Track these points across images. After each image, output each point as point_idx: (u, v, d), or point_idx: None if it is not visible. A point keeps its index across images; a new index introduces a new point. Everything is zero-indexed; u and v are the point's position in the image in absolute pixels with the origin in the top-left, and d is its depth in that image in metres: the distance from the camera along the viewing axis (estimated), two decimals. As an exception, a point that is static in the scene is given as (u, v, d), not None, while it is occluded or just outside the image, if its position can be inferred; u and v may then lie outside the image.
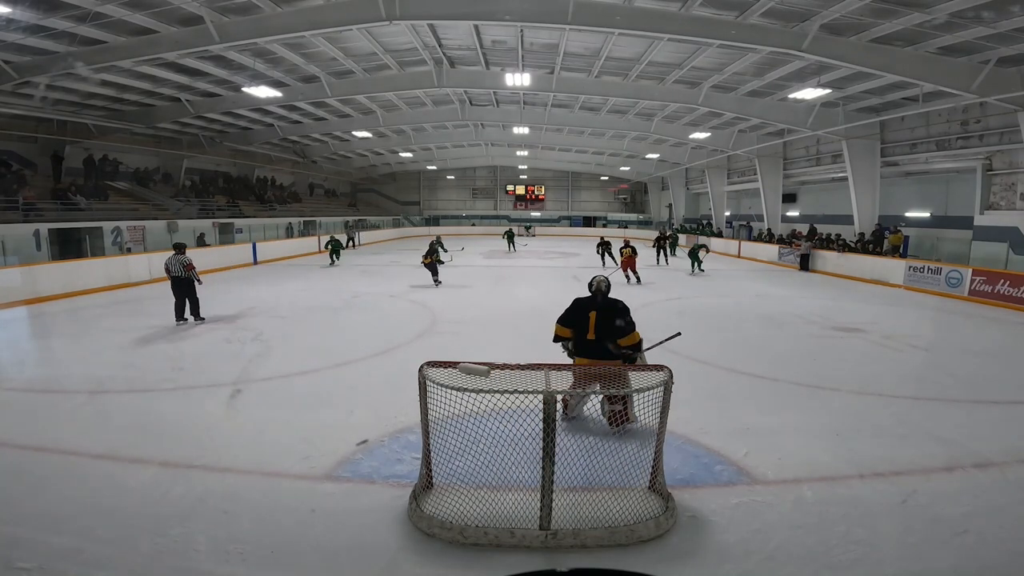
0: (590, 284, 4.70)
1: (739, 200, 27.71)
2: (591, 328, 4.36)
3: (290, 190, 31.71)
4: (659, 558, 2.88)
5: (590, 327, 4.37)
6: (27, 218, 14.38)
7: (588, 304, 4.51)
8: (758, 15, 10.11)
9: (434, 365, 3.24)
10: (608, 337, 4.34)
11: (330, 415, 4.82)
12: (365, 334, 8.21)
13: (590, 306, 4.47)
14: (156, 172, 22.80)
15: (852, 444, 4.33)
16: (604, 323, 4.36)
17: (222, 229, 20.76)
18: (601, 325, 4.35)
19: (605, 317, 4.37)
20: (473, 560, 2.85)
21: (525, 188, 41.13)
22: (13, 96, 14.05)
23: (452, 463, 3.24)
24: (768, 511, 3.33)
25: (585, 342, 4.40)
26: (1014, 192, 12.94)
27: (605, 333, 4.35)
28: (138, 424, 4.62)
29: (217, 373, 6.06)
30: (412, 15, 10.56)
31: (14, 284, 10.53)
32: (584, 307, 4.50)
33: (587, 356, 4.36)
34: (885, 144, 16.94)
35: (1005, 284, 11.40)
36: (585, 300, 4.59)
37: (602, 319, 4.37)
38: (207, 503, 3.33)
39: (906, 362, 7.13)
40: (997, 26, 9.34)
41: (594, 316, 4.38)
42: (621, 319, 4.34)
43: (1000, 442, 4.38)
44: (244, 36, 11.07)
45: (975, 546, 3.01)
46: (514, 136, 25.34)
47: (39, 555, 2.77)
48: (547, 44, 13.35)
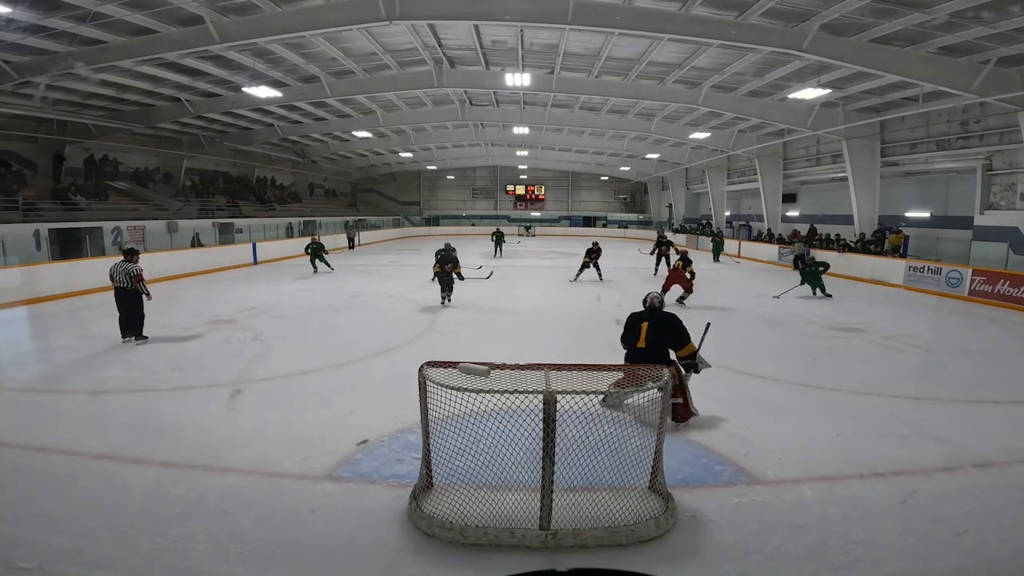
0: (644, 300, 4.98)
1: (739, 200, 27.71)
2: (642, 337, 4.63)
3: (290, 190, 31.71)
4: (659, 558, 2.88)
5: (642, 336, 4.64)
6: (27, 218, 14.37)
7: (642, 316, 4.80)
8: (758, 15, 10.10)
9: (434, 365, 3.24)
10: (660, 346, 4.60)
11: (330, 415, 4.81)
12: (365, 334, 8.21)
13: (643, 317, 4.76)
14: (156, 172, 22.79)
15: (852, 444, 4.33)
16: (655, 333, 4.62)
17: (222, 229, 20.75)
18: (652, 335, 4.62)
19: (656, 328, 4.64)
20: (473, 560, 2.85)
21: (525, 188, 41.13)
22: (13, 96, 14.04)
23: (452, 463, 3.24)
24: (768, 511, 3.33)
25: (637, 351, 4.63)
26: (1014, 192, 12.94)
27: (656, 343, 4.61)
28: (138, 424, 4.62)
29: (217, 373, 6.07)
30: (412, 15, 10.56)
31: (14, 284, 10.52)
32: (638, 318, 4.79)
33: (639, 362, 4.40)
34: (885, 144, 16.94)
35: (1005, 284, 11.40)
36: (638, 313, 4.87)
37: (653, 329, 4.64)
38: (207, 503, 3.33)
39: (906, 362, 7.14)
40: (997, 26, 9.34)
41: (646, 326, 4.66)
42: (673, 331, 4.62)
43: (1000, 442, 4.38)
44: (244, 36, 11.06)
45: (975, 546, 3.00)
46: (514, 136, 25.33)
47: (39, 555, 2.76)
48: (547, 44, 13.35)
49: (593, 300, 11.23)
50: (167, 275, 14.02)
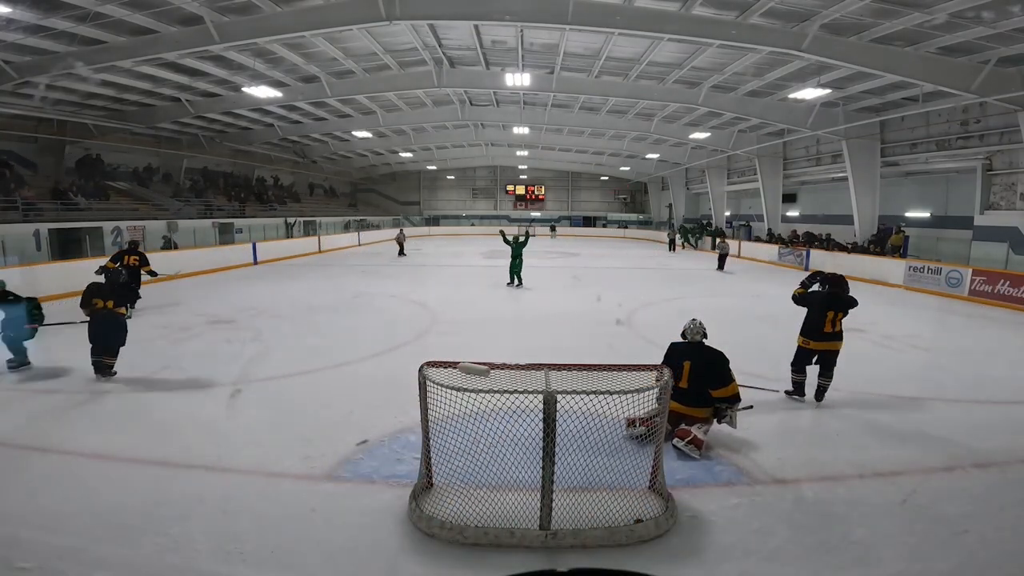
0: (684, 332, 4.52)
1: (739, 200, 27.69)
2: (684, 377, 4.26)
3: (290, 190, 31.70)
4: (659, 558, 2.88)
5: (684, 375, 4.26)
6: (27, 218, 14.37)
7: (685, 352, 4.40)
8: (758, 15, 10.11)
9: (434, 365, 3.24)
10: (702, 387, 4.27)
11: (330, 415, 4.81)
12: (365, 334, 8.21)
13: (686, 354, 4.37)
14: (156, 172, 22.79)
15: (852, 444, 4.33)
16: (698, 375, 4.27)
17: (222, 229, 20.73)
18: (694, 376, 4.27)
19: (700, 370, 4.28)
20: (473, 560, 2.85)
21: (525, 188, 41.11)
22: (13, 96, 14.05)
23: (452, 463, 3.24)
24: (768, 511, 3.33)
25: (677, 390, 4.19)
26: (1014, 192, 12.93)
27: (699, 382, 4.27)
28: (138, 424, 4.62)
29: (217, 373, 6.06)
30: (412, 15, 10.56)
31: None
32: (680, 354, 4.39)
33: (677, 401, 4.20)
34: (885, 144, 16.93)
35: (1005, 284, 11.39)
36: (682, 346, 4.48)
37: (696, 370, 4.28)
38: (207, 503, 3.33)
39: (906, 362, 7.14)
40: (997, 26, 9.34)
41: (688, 366, 4.28)
42: (716, 370, 4.28)
43: (1000, 442, 4.38)
44: (244, 36, 11.06)
45: (975, 546, 3.01)
46: (514, 136, 25.34)
47: (39, 555, 2.77)
48: (547, 44, 13.34)
49: (593, 300, 11.23)
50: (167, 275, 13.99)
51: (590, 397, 2.99)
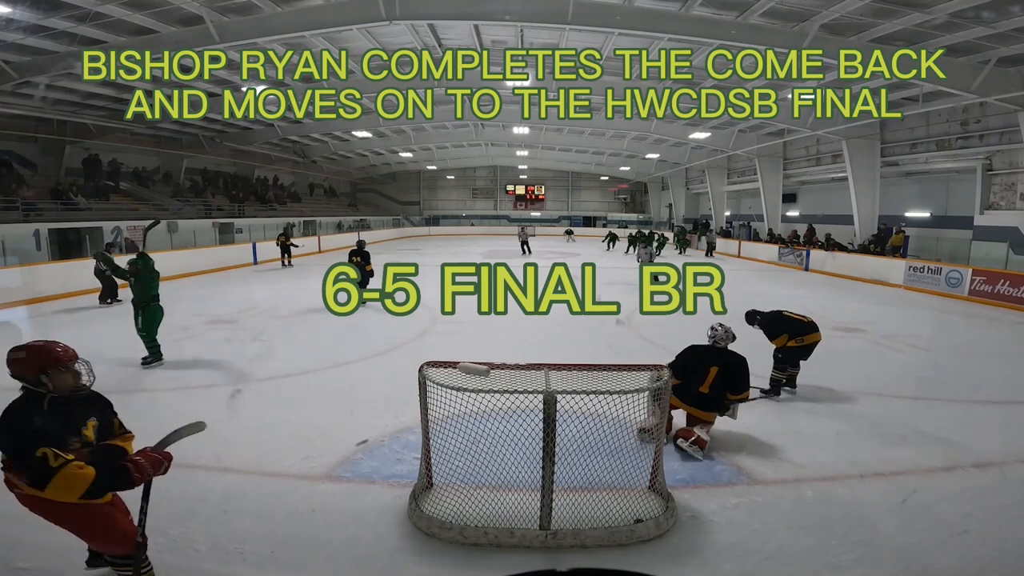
0: (715, 337, 4.41)
1: (739, 200, 27.70)
2: (707, 383, 4.14)
3: (290, 190, 31.70)
4: (659, 558, 2.88)
5: (707, 381, 4.14)
6: (27, 218, 14.38)
7: (709, 356, 4.26)
8: (758, 15, 10.11)
9: (434, 365, 3.24)
10: (722, 392, 4.20)
11: (330, 415, 4.81)
12: (365, 334, 8.20)
13: (712, 359, 4.22)
14: (156, 172, 22.78)
15: (852, 444, 4.33)
16: (723, 380, 4.16)
17: (222, 229, 20.73)
18: (719, 382, 4.16)
19: (726, 376, 4.18)
20: (473, 560, 2.85)
21: (525, 188, 41.08)
22: (13, 96, 14.04)
23: (452, 463, 3.24)
24: (768, 511, 3.34)
25: (697, 394, 4.15)
26: (1014, 192, 12.94)
27: (720, 389, 4.18)
28: (138, 424, 4.60)
29: (217, 373, 6.07)
30: (412, 15, 10.57)
31: (14, 284, 10.52)
32: (703, 358, 4.24)
33: (694, 406, 4.17)
34: (885, 144, 16.94)
35: (1005, 284, 11.39)
36: (704, 349, 4.33)
37: (722, 376, 4.16)
38: (207, 503, 3.33)
39: (906, 362, 7.13)
40: (997, 26, 9.35)
41: (715, 372, 4.14)
42: (740, 377, 4.21)
43: (1000, 442, 4.38)
44: (244, 36, 11.06)
45: (975, 546, 3.01)
46: (514, 136, 25.33)
47: (39, 555, 2.77)
48: (547, 44, 13.33)
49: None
50: (167, 275, 13.95)
51: (590, 397, 2.99)
